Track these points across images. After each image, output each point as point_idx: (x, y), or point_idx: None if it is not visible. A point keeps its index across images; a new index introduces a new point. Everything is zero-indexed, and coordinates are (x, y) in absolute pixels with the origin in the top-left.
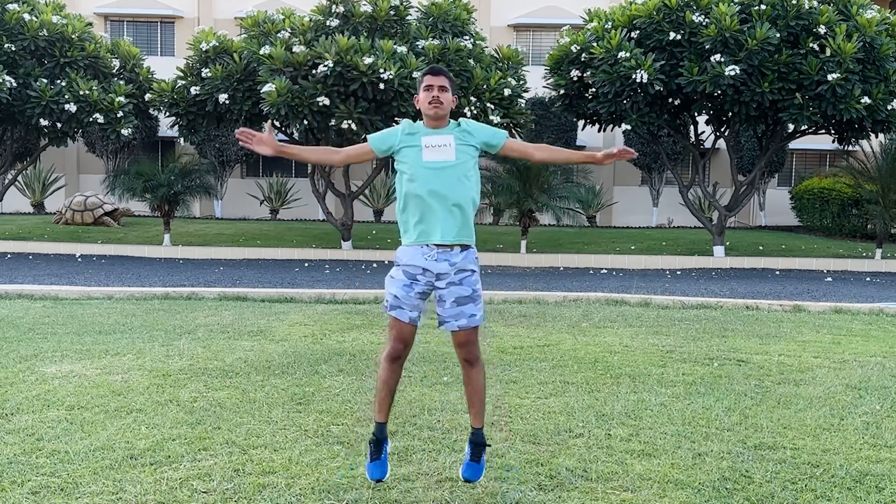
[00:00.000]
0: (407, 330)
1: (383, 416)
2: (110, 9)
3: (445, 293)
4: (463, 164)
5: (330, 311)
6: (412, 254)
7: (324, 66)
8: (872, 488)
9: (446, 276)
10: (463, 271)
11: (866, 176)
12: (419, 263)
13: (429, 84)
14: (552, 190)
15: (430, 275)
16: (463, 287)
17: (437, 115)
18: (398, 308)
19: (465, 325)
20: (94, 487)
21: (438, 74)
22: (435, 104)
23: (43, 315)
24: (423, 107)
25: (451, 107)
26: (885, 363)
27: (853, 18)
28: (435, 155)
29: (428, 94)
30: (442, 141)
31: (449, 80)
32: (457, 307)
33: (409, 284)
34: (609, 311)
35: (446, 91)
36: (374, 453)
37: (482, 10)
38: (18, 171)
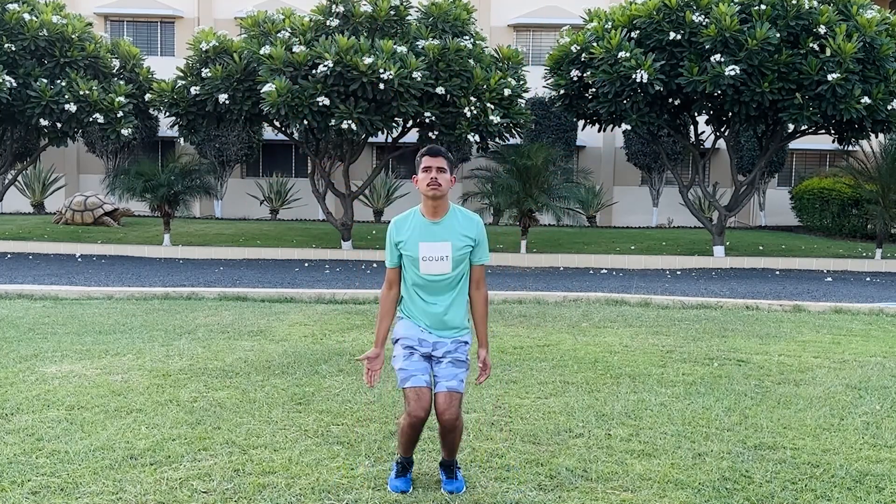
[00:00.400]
0: (424, 393)
1: (408, 453)
2: (110, 9)
3: (442, 357)
4: (458, 274)
5: (330, 311)
6: (409, 327)
7: (324, 66)
8: (872, 488)
9: (442, 345)
10: (458, 342)
11: (866, 176)
12: (415, 335)
13: (427, 165)
14: (552, 190)
15: (427, 344)
16: (458, 353)
17: (434, 197)
18: (412, 377)
19: (454, 387)
20: (94, 487)
21: (437, 156)
22: (433, 186)
23: (43, 315)
24: (422, 188)
25: (450, 187)
26: (885, 363)
27: (853, 18)
28: (432, 268)
29: (427, 175)
30: (439, 252)
31: (447, 161)
32: (451, 368)
33: (411, 353)
34: (609, 311)
35: (444, 172)
36: (401, 471)
37: (482, 10)
38: (18, 171)
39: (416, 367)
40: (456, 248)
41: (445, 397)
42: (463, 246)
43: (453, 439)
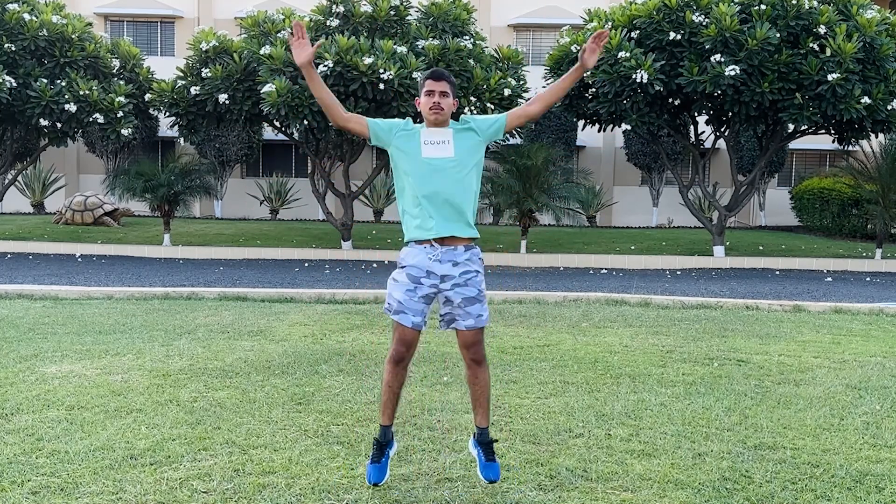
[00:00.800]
0: (410, 334)
1: (387, 418)
2: (110, 9)
3: (452, 294)
4: (461, 160)
5: (330, 311)
6: (416, 254)
7: (324, 66)
8: (872, 488)
9: (451, 278)
10: (467, 272)
11: (866, 176)
12: (423, 265)
13: (430, 89)
14: (552, 190)
15: (435, 277)
16: (469, 288)
17: (437, 121)
18: (401, 313)
19: (472, 325)
20: (94, 487)
21: (440, 79)
22: (436, 110)
23: (43, 315)
24: (424, 111)
25: (452, 110)
26: (885, 363)
27: (853, 18)
28: (433, 151)
29: (429, 98)
30: (440, 137)
31: (450, 85)
32: (464, 308)
33: (413, 289)
34: (609, 311)
35: (447, 96)
36: (375, 455)
37: (482, 10)
38: (18, 171)
39: (412, 306)
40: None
41: (471, 335)
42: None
43: (485, 381)
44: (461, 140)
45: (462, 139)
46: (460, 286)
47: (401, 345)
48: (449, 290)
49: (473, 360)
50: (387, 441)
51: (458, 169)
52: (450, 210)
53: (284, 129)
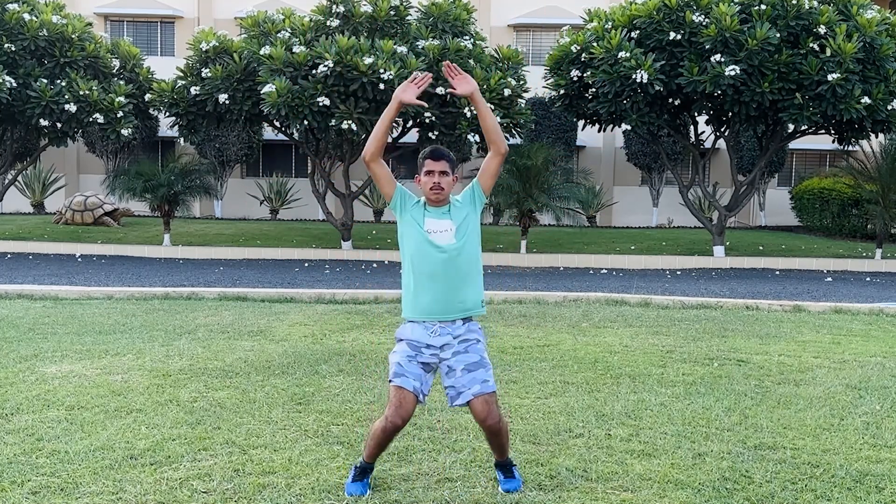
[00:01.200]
0: (409, 400)
1: (372, 459)
2: (110, 9)
3: (453, 362)
4: (463, 244)
5: (330, 311)
6: (414, 329)
7: (324, 67)
8: (872, 488)
9: (450, 346)
10: (467, 341)
11: (866, 176)
12: (422, 339)
13: (430, 169)
14: (552, 190)
15: (434, 348)
16: (470, 354)
17: (437, 200)
18: (402, 376)
19: (479, 391)
20: (94, 487)
21: (440, 159)
22: (436, 190)
23: (43, 315)
24: (425, 191)
25: (451, 188)
26: (885, 363)
27: (853, 18)
28: (436, 239)
29: (430, 178)
30: (443, 227)
31: (450, 164)
32: (468, 374)
33: (413, 355)
34: (609, 311)
35: (447, 175)
36: (356, 476)
37: (482, 10)
38: (18, 171)
39: (411, 370)
40: (455, 220)
41: (480, 404)
42: (459, 215)
43: (501, 442)
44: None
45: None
46: (461, 353)
47: (397, 417)
48: (449, 358)
49: (491, 431)
50: (370, 468)
51: (461, 252)
52: (448, 292)
53: (284, 129)
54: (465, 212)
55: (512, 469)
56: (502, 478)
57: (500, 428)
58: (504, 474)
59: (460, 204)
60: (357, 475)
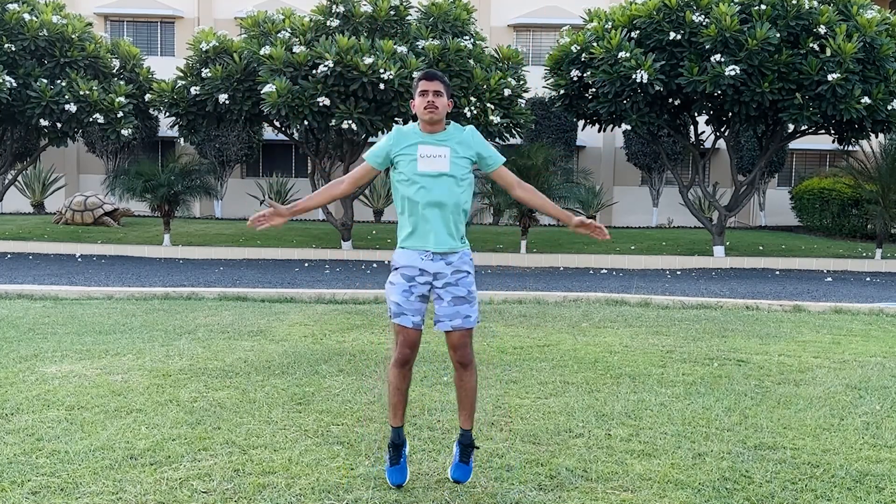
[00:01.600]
0: (412, 335)
1: (399, 420)
2: (110, 9)
3: (443, 292)
4: (456, 175)
5: (330, 311)
6: (408, 256)
7: (324, 67)
8: (872, 488)
9: (443, 276)
10: (458, 272)
11: (866, 176)
12: (416, 264)
13: (424, 89)
14: (552, 190)
15: (428, 275)
16: (459, 287)
17: (432, 120)
18: (401, 315)
19: (459, 325)
20: (94, 487)
21: (433, 79)
22: (430, 109)
23: (43, 315)
24: (419, 111)
25: (447, 111)
26: (885, 363)
27: (853, 18)
28: (429, 165)
29: (423, 99)
30: (437, 152)
31: (444, 85)
32: (453, 307)
33: (409, 289)
34: (609, 311)
35: (441, 96)
36: (393, 458)
37: (482, 10)
38: (18, 171)
39: (410, 306)
40: (454, 152)
41: (457, 337)
42: (459, 152)
43: (471, 385)
44: (458, 158)
45: (459, 156)
46: (451, 285)
47: (405, 346)
48: (441, 287)
49: (460, 363)
50: (402, 441)
51: (453, 180)
52: (443, 220)
53: (284, 130)
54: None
55: (471, 453)
56: (457, 460)
57: (470, 364)
58: (461, 456)
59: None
60: (393, 456)
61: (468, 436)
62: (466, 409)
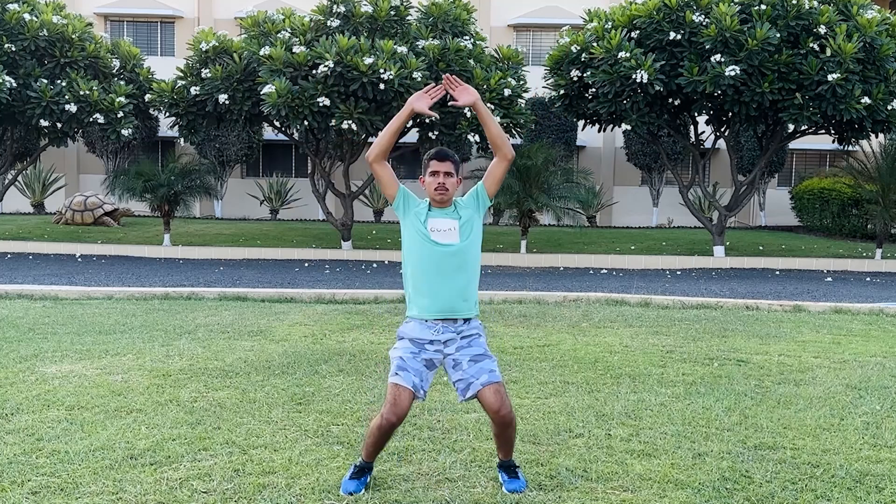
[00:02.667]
0: (405, 397)
1: (371, 457)
2: (110, 9)
3: (458, 356)
4: (466, 245)
5: (330, 311)
6: (416, 328)
7: (324, 67)
8: (872, 488)
9: (454, 341)
10: (469, 335)
11: (866, 176)
12: (425, 336)
13: (435, 170)
14: (552, 190)
15: (438, 344)
16: (473, 348)
17: (442, 201)
18: (404, 370)
19: (488, 381)
20: (94, 487)
21: (444, 160)
22: (441, 191)
23: (43, 315)
24: (429, 191)
25: (456, 189)
26: (885, 363)
27: (853, 18)
28: (440, 238)
29: (434, 179)
30: (446, 226)
31: (454, 165)
32: (475, 364)
33: (417, 352)
34: (609, 311)
35: (451, 176)
36: (355, 474)
37: (482, 10)
38: (18, 171)
39: (413, 365)
40: (460, 220)
41: (491, 394)
42: (468, 217)
43: (509, 435)
44: (465, 222)
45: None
46: (464, 347)
47: (392, 413)
48: (454, 353)
49: (504, 422)
50: (369, 468)
51: (463, 251)
52: (451, 289)
53: (284, 130)
54: (468, 213)
55: (516, 470)
56: (506, 478)
57: (512, 419)
58: (508, 475)
59: (464, 204)
60: (355, 473)
61: (509, 461)
62: (505, 446)
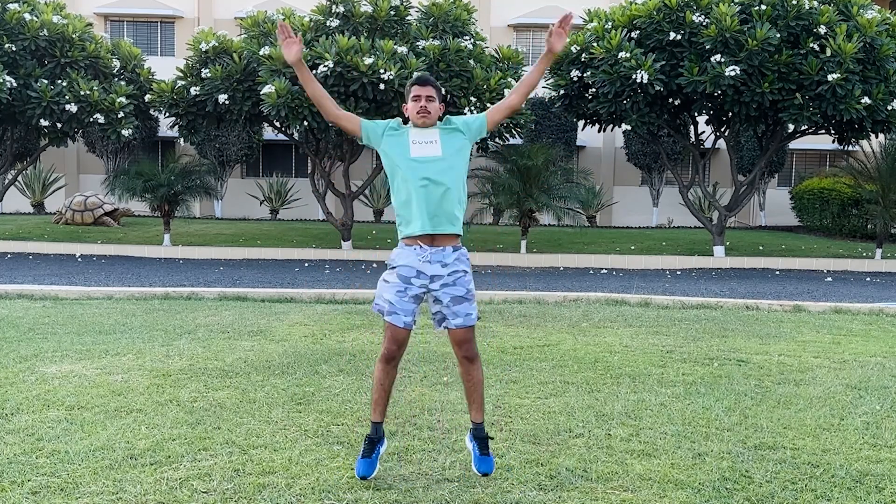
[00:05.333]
0: (402, 333)
1: (378, 415)
2: (110, 9)
3: (441, 294)
4: (449, 158)
5: (330, 311)
6: (406, 255)
7: (324, 67)
8: (872, 488)
9: (440, 278)
10: (456, 272)
11: (866, 176)
12: (413, 265)
13: (416, 94)
14: (552, 190)
15: (425, 277)
16: (457, 287)
17: (424, 124)
18: (393, 314)
19: (461, 323)
20: (94, 487)
21: (426, 84)
22: (423, 114)
23: (43, 315)
24: (412, 115)
25: (438, 115)
26: (885, 363)
27: (853, 19)
28: (422, 151)
29: (416, 103)
30: (428, 137)
31: (436, 90)
32: (453, 306)
33: (404, 290)
34: (609, 311)
35: (433, 100)
36: (366, 450)
37: (482, 10)
38: (18, 171)
39: (403, 306)
40: (442, 132)
41: (462, 333)
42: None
43: (478, 378)
44: (448, 140)
45: (449, 139)
46: (449, 286)
47: (393, 343)
48: (438, 290)
49: (466, 358)
50: (378, 437)
51: (446, 167)
52: (437, 207)
53: (284, 130)
54: (456, 132)
55: (488, 444)
56: (477, 454)
57: (477, 360)
58: (480, 449)
59: (454, 124)
60: (366, 449)
61: (481, 429)
62: (476, 401)
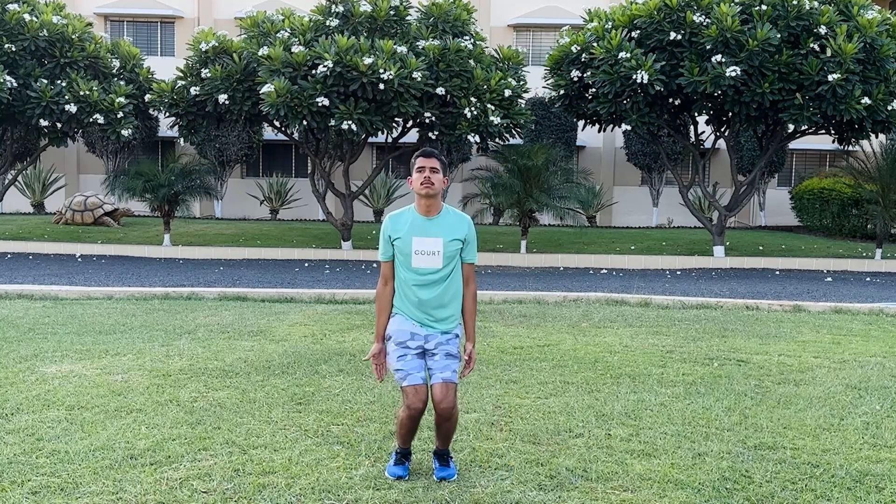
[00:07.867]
0: (422, 389)
1: (406, 444)
2: (110, 9)
3: (435, 350)
4: (447, 266)
5: (330, 311)
6: (398, 321)
7: (323, 67)
8: (872, 488)
9: (434, 337)
10: (447, 332)
11: (866, 176)
12: (406, 329)
13: (421, 166)
14: (552, 190)
15: (419, 338)
16: (450, 346)
17: (428, 195)
18: (409, 375)
19: (448, 378)
20: (94, 487)
21: (430, 157)
22: (427, 185)
23: (43, 315)
24: (416, 187)
25: (442, 187)
26: (885, 363)
27: (854, 19)
28: (423, 262)
29: (420, 175)
30: (431, 248)
31: (440, 163)
32: (445, 360)
33: (404, 353)
34: (609, 311)
35: (437, 173)
36: (398, 461)
37: (482, 10)
38: (18, 171)
39: (411, 365)
40: (447, 243)
41: (441, 388)
42: (452, 240)
43: (448, 428)
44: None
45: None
46: (443, 344)
47: (417, 400)
48: (433, 347)
49: (442, 414)
50: (407, 454)
51: (443, 275)
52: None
53: (284, 130)
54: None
55: (448, 459)
56: (438, 465)
57: (452, 415)
58: (440, 462)
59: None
60: (398, 459)
61: (444, 451)
62: (443, 436)
